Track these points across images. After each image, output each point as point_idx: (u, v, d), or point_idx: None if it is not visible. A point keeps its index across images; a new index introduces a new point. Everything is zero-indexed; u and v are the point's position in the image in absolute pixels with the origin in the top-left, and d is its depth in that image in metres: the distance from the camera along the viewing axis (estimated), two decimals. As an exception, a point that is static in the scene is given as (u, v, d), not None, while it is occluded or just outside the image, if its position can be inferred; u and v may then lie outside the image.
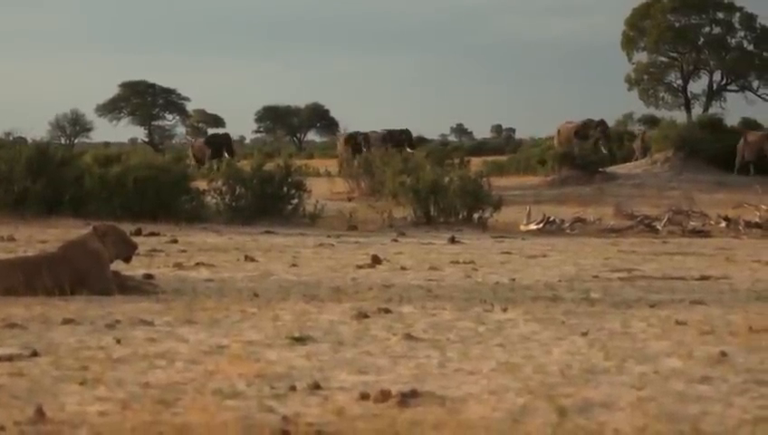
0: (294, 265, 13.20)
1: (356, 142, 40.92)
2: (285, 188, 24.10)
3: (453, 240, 18.52)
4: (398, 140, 41.13)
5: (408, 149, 40.17)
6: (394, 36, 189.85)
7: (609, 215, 25.11)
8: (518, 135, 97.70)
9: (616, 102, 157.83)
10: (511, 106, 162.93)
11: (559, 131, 42.95)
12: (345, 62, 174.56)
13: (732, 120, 46.91)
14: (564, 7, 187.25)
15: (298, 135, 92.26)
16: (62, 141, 73.60)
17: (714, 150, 38.27)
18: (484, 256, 15.11)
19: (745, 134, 37.35)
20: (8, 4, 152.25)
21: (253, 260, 13.71)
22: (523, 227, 23.08)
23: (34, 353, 6.86)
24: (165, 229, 19.78)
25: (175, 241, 17.05)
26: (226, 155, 42.81)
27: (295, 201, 24.10)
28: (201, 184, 24.36)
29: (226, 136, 47.81)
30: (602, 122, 43.78)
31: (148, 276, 11.17)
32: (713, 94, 54.20)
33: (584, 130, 42.08)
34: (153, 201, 22.51)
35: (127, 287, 10.02)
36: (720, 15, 53.83)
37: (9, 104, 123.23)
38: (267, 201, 23.63)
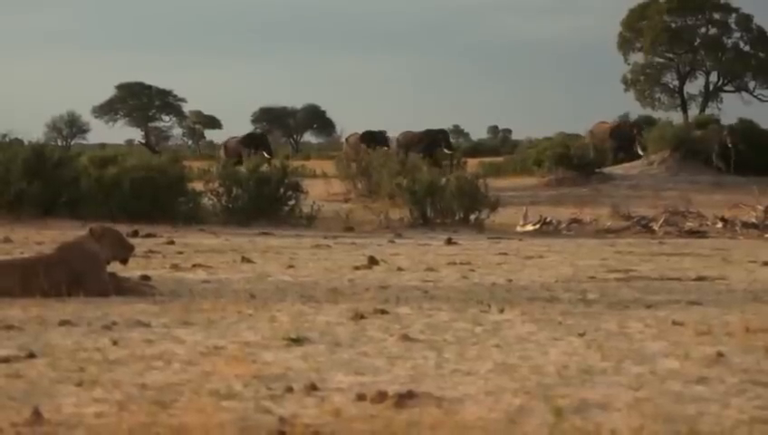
0: (291, 267, 13.20)
1: (373, 141, 40.33)
2: (282, 190, 24.12)
3: (449, 241, 18.52)
4: (436, 140, 40.52)
5: (446, 150, 39.85)
6: (390, 37, 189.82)
7: (605, 216, 25.13)
8: (515, 136, 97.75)
9: (612, 103, 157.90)
10: (507, 107, 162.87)
11: (592, 132, 42.73)
12: (341, 63, 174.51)
13: (728, 120, 46.96)
14: (561, 7, 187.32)
15: (294, 136, 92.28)
16: (59, 143, 73.60)
17: (710, 151, 38.32)
18: (480, 256, 15.11)
19: None
20: (3, 5, 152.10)
21: (249, 261, 13.70)
22: (519, 228, 23.10)
23: (31, 355, 6.86)
24: (161, 231, 19.80)
25: (171, 242, 17.06)
26: (266, 154, 42.05)
27: (292, 202, 24.12)
28: (198, 185, 24.37)
29: (263, 136, 46.77)
30: (637, 123, 43.66)
31: (145, 278, 11.17)
32: (709, 95, 54.28)
33: (619, 131, 41.88)
34: (150, 203, 22.54)
35: (123, 289, 10.00)
36: (716, 16, 53.91)
37: (5, 105, 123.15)
38: (264, 203, 23.64)
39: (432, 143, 39.87)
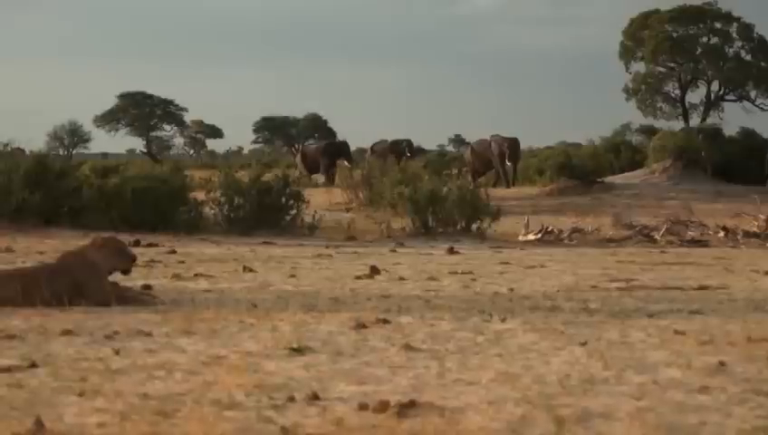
0: (293, 276, 13.20)
1: (399, 151, 39.96)
2: (284, 199, 24.12)
3: (451, 250, 18.51)
4: (502, 151, 39.43)
5: (508, 162, 39.49)
6: (392, 46, 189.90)
7: (607, 225, 25.12)
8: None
9: (614, 112, 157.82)
10: (509, 116, 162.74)
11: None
12: (343, 73, 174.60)
13: (730, 130, 46.97)
14: (562, 17, 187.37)
15: (296, 146, 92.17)
16: (61, 152, 73.61)
17: (712, 160, 38.38)
18: (482, 266, 15.11)
19: None
20: (5, 13, 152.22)
21: (251, 271, 13.71)
22: (521, 238, 23.09)
23: (33, 365, 6.86)
24: (163, 240, 19.80)
25: (173, 252, 17.06)
26: (346, 163, 41.65)
27: (294, 212, 24.13)
28: (199, 195, 24.39)
29: (345, 144, 46.01)
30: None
31: (147, 287, 11.17)
32: (711, 104, 54.22)
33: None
34: (151, 212, 22.54)
35: (125, 298, 10.00)
36: (718, 26, 53.85)
37: (7, 115, 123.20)
38: (266, 212, 23.65)
39: (500, 152, 39.17)
